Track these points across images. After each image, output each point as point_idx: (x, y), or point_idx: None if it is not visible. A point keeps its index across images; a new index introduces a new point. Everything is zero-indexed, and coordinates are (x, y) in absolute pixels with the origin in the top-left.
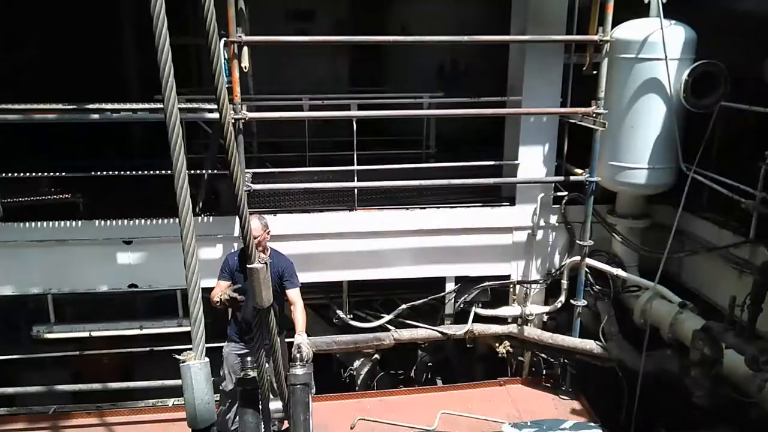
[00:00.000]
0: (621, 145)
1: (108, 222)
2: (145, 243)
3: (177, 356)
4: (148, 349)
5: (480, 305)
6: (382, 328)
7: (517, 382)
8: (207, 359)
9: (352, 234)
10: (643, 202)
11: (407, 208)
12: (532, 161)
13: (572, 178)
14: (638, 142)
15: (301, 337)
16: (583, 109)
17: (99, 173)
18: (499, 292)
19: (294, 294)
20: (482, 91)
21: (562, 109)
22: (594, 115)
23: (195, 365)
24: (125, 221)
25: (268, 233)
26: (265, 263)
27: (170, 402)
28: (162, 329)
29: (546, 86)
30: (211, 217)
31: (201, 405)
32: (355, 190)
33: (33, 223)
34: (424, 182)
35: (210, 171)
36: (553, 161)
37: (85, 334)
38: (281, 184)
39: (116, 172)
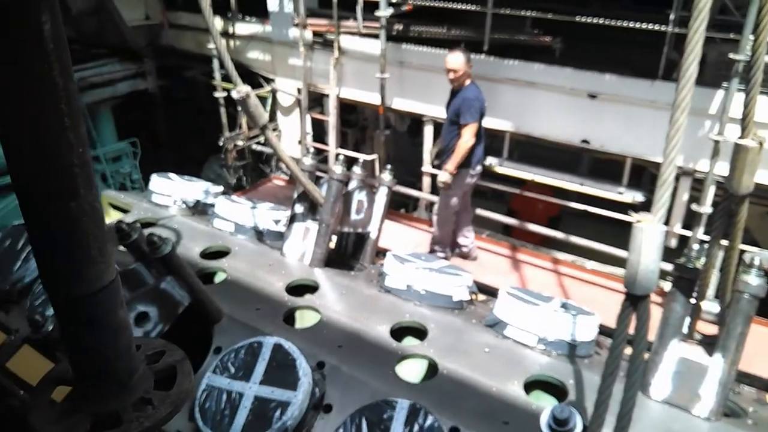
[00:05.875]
0: None
1: (579, 72)
2: (610, 101)
3: (632, 213)
4: (583, 207)
5: None
6: None
7: None
8: (664, 228)
9: None
10: None
11: None
12: None
13: None
14: None
15: (441, 171)
16: None
17: (583, 19)
18: None
19: (462, 128)
20: None
21: None
22: None
23: (650, 229)
24: (596, 74)
25: (461, 72)
26: None
27: (588, 264)
28: (601, 192)
29: None
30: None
31: (644, 270)
32: None
33: (510, 61)
34: None
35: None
36: None
37: (529, 177)
38: None
39: (600, 21)
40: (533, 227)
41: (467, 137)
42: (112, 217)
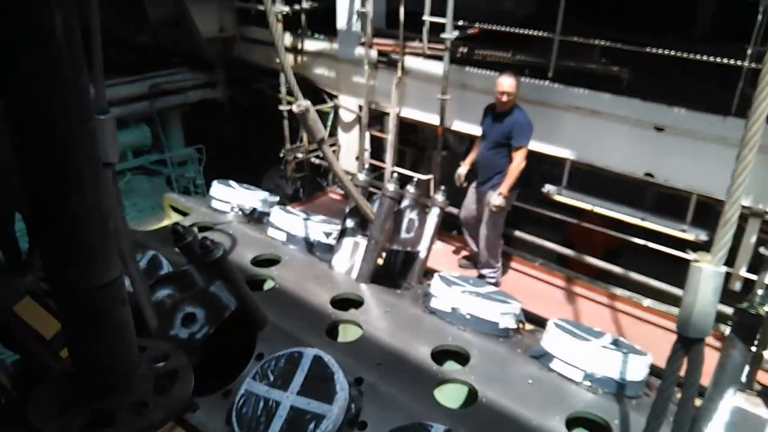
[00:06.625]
0: None
1: (647, 103)
2: (677, 134)
3: (691, 252)
4: (643, 242)
5: None
6: None
7: None
8: (724, 269)
9: None
10: None
11: None
12: None
13: None
14: None
15: (494, 195)
16: None
17: (654, 50)
18: None
19: (515, 151)
20: None
21: None
22: None
23: (708, 269)
24: (664, 107)
25: (514, 95)
26: None
27: (645, 302)
28: (663, 228)
29: None
30: None
31: (699, 313)
32: None
33: (576, 89)
34: None
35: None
36: None
37: (588, 207)
38: None
39: (673, 53)
40: (590, 259)
41: (520, 160)
42: (172, 219)
